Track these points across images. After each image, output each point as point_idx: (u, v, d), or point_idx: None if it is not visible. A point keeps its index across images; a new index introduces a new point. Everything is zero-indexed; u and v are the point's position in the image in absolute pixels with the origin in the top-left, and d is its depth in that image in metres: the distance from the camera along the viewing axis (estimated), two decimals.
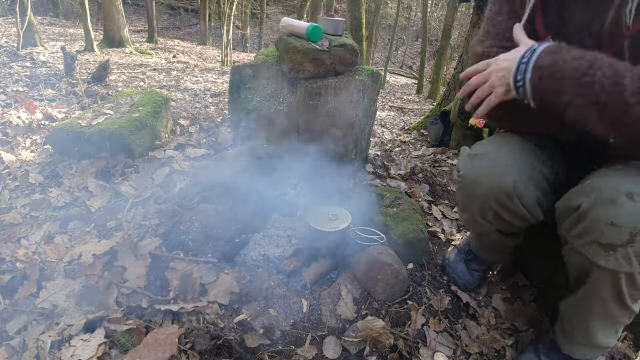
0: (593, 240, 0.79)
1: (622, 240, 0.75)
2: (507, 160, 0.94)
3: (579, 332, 0.98)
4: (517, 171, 0.92)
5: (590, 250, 0.81)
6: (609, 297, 0.85)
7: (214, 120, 2.91)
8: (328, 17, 1.82)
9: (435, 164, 2.38)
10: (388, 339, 1.10)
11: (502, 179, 0.92)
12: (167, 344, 0.97)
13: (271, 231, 1.57)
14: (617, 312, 0.88)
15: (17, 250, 1.30)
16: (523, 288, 1.39)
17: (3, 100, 2.99)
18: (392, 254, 1.30)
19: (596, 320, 0.93)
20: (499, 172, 0.93)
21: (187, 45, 12.95)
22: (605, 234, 0.77)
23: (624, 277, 0.80)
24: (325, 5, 9.05)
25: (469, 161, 1.00)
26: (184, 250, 1.32)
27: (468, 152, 1.02)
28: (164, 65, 6.96)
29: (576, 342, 1.00)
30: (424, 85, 12.29)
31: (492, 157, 0.96)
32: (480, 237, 1.28)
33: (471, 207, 1.04)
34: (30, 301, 1.09)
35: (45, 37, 7.85)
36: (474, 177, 0.98)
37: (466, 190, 1.03)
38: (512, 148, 0.97)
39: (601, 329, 0.94)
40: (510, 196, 0.92)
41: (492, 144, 1.01)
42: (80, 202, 1.65)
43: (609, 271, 0.80)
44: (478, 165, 0.98)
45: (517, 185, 0.91)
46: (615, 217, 0.75)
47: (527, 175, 0.93)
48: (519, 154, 0.95)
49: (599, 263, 0.80)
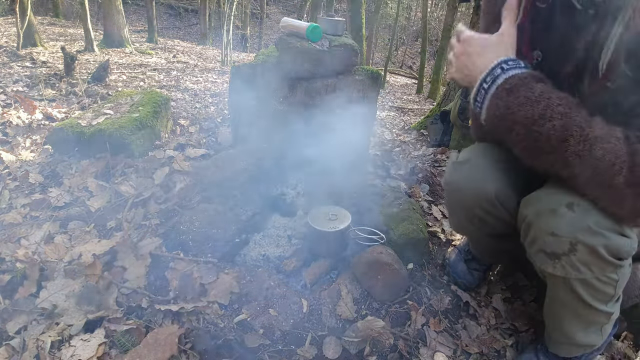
0: (539, 249, 0.82)
1: (564, 249, 0.77)
2: (487, 167, 0.96)
3: (556, 332, 1.01)
4: (498, 178, 0.94)
5: (538, 259, 0.83)
6: (569, 300, 0.87)
7: (214, 120, 2.91)
8: (328, 17, 1.82)
9: (435, 164, 2.38)
10: (388, 339, 1.10)
11: (483, 186, 0.94)
12: (167, 344, 0.97)
13: (271, 231, 1.57)
14: (584, 313, 0.89)
15: (17, 250, 1.30)
16: (523, 288, 1.39)
17: (3, 100, 2.98)
18: (392, 254, 1.30)
19: (568, 321, 0.94)
20: (480, 180, 0.95)
21: (187, 45, 12.94)
22: (547, 244, 0.79)
23: (578, 282, 0.82)
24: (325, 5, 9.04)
25: (453, 169, 1.03)
26: (184, 250, 1.32)
27: (453, 160, 1.04)
28: (164, 65, 6.96)
29: (557, 341, 1.02)
30: (424, 85, 12.29)
31: (473, 165, 0.98)
32: (472, 241, 1.31)
33: (458, 213, 1.07)
34: (30, 301, 1.09)
35: (45, 37, 7.84)
36: (457, 184, 1.01)
37: (451, 197, 1.06)
38: (493, 156, 0.98)
39: (578, 329, 0.95)
40: (493, 203, 0.94)
41: (475, 152, 1.02)
42: (80, 202, 1.65)
43: (559, 278, 0.82)
44: (460, 173, 1.00)
45: (498, 193, 0.93)
46: (555, 227, 0.77)
47: (508, 181, 0.94)
48: (501, 162, 0.96)
49: (548, 271, 0.83)
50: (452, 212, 1.13)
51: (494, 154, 0.99)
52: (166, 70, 6.33)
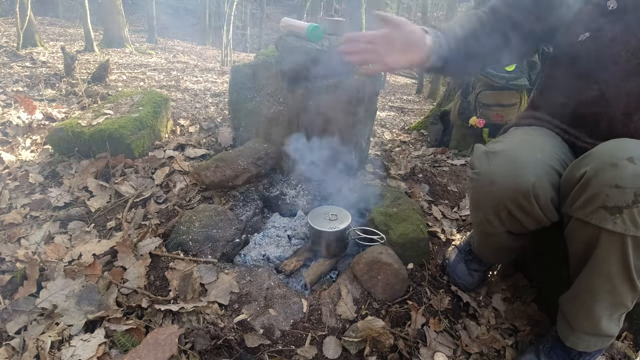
0: (599, 206, 0.81)
1: (628, 201, 0.77)
2: (525, 159, 0.92)
3: (583, 319, 0.97)
4: (536, 171, 0.91)
5: (597, 217, 0.82)
6: (615, 270, 0.85)
7: (214, 120, 2.91)
8: (328, 17, 1.82)
9: (435, 164, 2.38)
10: (388, 339, 1.10)
11: (520, 179, 0.90)
12: (167, 344, 0.97)
13: (271, 231, 1.57)
14: (622, 289, 0.87)
15: (17, 250, 1.31)
16: (523, 288, 1.39)
17: (3, 100, 2.98)
18: (392, 254, 1.30)
19: (601, 302, 0.92)
20: (517, 172, 0.91)
21: (187, 45, 12.94)
22: (610, 197, 0.79)
23: (631, 242, 0.81)
24: (325, 5, 9.04)
25: (486, 159, 0.97)
26: (184, 250, 1.32)
27: (485, 150, 0.99)
28: (164, 65, 6.96)
29: (580, 330, 0.99)
30: (424, 85, 12.29)
31: (510, 156, 0.94)
32: (487, 238, 1.23)
33: (485, 206, 1.02)
34: (30, 301, 1.09)
35: (45, 37, 7.85)
36: (490, 176, 0.95)
37: (481, 189, 1.00)
38: (531, 146, 0.96)
39: (606, 314, 0.93)
40: (528, 197, 0.90)
41: (511, 142, 0.99)
42: (80, 202, 1.65)
43: (616, 236, 0.81)
44: (495, 164, 0.95)
45: (535, 186, 0.89)
46: (618, 179, 0.77)
47: (545, 175, 0.91)
48: (538, 153, 0.94)
49: (607, 227, 0.81)
50: (477, 205, 1.07)
51: (532, 144, 0.96)
52: (166, 70, 6.33)
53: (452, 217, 1.77)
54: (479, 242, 1.28)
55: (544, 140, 1.00)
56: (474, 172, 1.00)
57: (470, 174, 1.02)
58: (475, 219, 1.16)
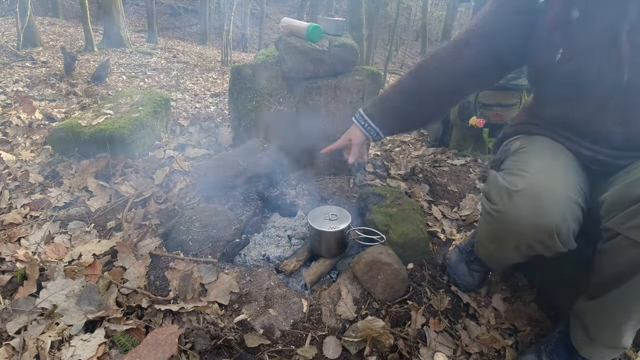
0: None
1: None
2: (549, 197, 0.89)
3: (607, 334, 0.95)
4: (561, 211, 0.89)
5: None
6: None
7: (214, 120, 2.91)
8: (328, 17, 1.82)
9: (435, 164, 2.38)
10: (388, 339, 1.10)
11: (544, 219, 0.88)
12: (167, 344, 0.97)
13: (271, 231, 1.57)
14: None
15: (17, 250, 1.30)
16: (523, 288, 1.39)
17: (3, 100, 2.99)
18: (392, 254, 1.30)
19: (632, 320, 0.90)
20: (541, 212, 0.89)
21: (187, 45, 12.94)
22: None
23: None
24: (325, 5, 9.04)
25: (507, 197, 0.93)
26: (184, 250, 1.32)
27: (506, 188, 0.94)
28: (164, 65, 6.96)
29: (601, 344, 0.97)
30: None
31: (533, 195, 0.91)
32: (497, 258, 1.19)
33: (503, 240, 1.00)
34: (30, 301, 1.09)
35: (45, 37, 7.85)
36: (514, 216, 0.92)
37: (502, 226, 0.97)
38: (553, 180, 0.93)
39: (631, 331, 0.92)
40: (551, 235, 0.89)
41: (532, 177, 0.94)
42: (80, 202, 1.65)
43: None
44: (518, 204, 0.91)
45: (559, 225, 0.88)
46: None
47: (569, 212, 0.90)
48: (561, 188, 0.91)
49: None
50: (495, 239, 1.04)
51: (555, 180, 0.93)
52: (166, 70, 6.33)
53: (452, 217, 1.77)
54: (486, 257, 1.24)
55: (564, 167, 0.97)
56: (493, 209, 0.96)
57: (488, 209, 0.98)
58: (487, 251, 1.14)
